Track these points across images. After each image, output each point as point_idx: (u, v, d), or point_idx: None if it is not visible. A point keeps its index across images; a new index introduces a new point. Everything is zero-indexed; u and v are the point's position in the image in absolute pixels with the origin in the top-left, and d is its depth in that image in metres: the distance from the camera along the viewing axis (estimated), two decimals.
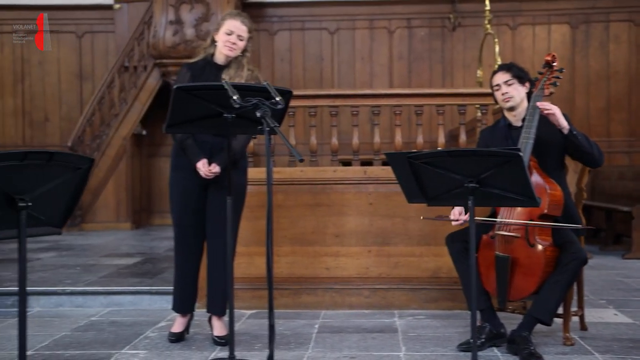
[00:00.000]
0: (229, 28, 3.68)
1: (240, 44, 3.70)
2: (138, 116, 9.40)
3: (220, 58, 3.76)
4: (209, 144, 3.71)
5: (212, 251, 3.83)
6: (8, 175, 2.21)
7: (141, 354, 3.60)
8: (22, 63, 10.13)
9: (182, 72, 3.79)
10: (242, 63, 3.75)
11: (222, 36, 3.69)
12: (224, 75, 3.71)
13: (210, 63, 3.76)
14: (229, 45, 3.67)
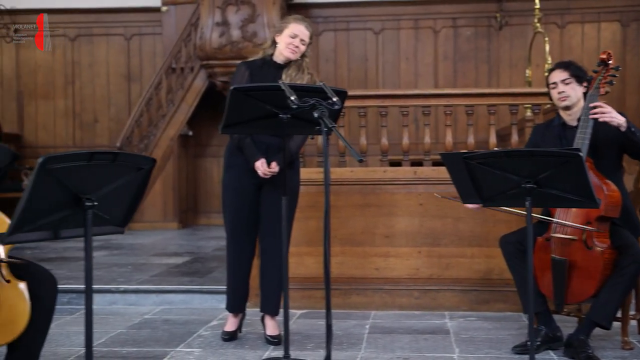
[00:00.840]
0: (293, 31, 3.70)
1: (302, 47, 3.72)
2: (185, 117, 9.51)
3: (280, 59, 3.78)
4: (264, 144, 3.73)
5: (266, 251, 3.85)
6: (76, 176, 2.25)
7: (196, 352, 3.65)
8: (72, 65, 10.33)
9: (239, 69, 3.80)
10: (303, 66, 3.77)
11: (285, 38, 3.71)
12: (284, 75, 3.73)
13: (268, 63, 3.78)
14: (291, 48, 3.69)
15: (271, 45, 3.80)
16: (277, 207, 3.76)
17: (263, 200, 3.80)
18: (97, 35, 10.34)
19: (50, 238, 2.35)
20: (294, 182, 3.84)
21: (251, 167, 3.71)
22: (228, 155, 3.86)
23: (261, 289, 3.92)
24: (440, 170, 4.68)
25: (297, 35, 3.70)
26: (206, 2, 9.15)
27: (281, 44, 3.72)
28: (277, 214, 3.78)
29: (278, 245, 3.81)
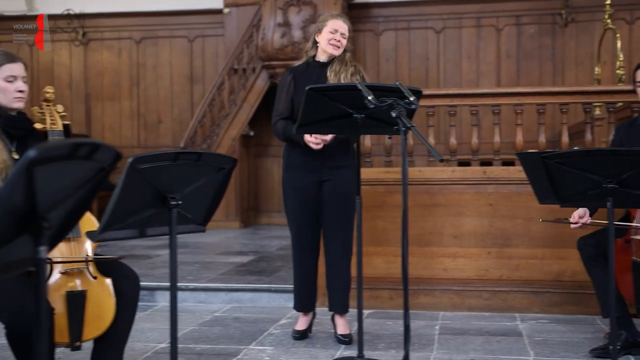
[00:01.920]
0: (333, 27, 3.74)
1: (343, 41, 3.76)
2: (247, 117, 9.61)
3: (323, 57, 3.82)
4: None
5: (331, 249, 3.86)
6: (162, 175, 2.30)
7: (268, 350, 3.68)
8: (137, 67, 10.56)
9: (283, 76, 3.90)
10: (346, 59, 3.81)
11: (325, 35, 3.75)
12: (328, 72, 3.77)
13: (312, 64, 3.83)
14: (333, 43, 3.73)
15: (312, 47, 3.85)
16: (339, 206, 3.79)
17: (324, 199, 3.82)
18: (161, 38, 10.54)
19: (137, 236, 2.40)
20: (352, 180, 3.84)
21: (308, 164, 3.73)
22: (286, 157, 3.88)
23: (328, 288, 3.93)
24: (511, 170, 4.62)
25: (337, 30, 3.74)
26: (268, 3, 9.23)
27: (322, 42, 3.77)
28: (338, 213, 3.80)
29: (342, 243, 3.83)
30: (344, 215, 3.81)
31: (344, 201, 3.78)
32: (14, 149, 2.68)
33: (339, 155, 3.78)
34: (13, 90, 2.65)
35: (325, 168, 3.77)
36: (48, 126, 2.75)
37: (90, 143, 1.39)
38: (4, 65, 2.65)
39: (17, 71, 2.66)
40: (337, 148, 3.78)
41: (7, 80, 2.64)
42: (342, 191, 3.78)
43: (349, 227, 3.84)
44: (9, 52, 2.73)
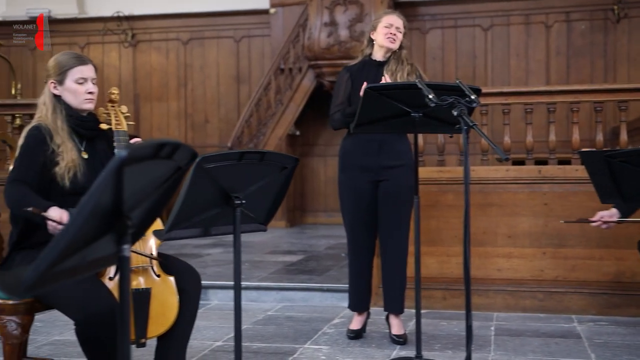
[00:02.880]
0: (387, 22, 3.76)
1: (399, 35, 3.76)
2: (293, 117, 9.64)
3: (379, 55, 3.81)
4: (377, 141, 3.74)
5: (387, 249, 3.85)
6: (227, 175, 2.32)
7: (324, 349, 3.68)
8: (185, 68, 10.68)
9: (340, 74, 3.89)
10: (402, 57, 3.80)
11: (381, 30, 3.75)
12: (385, 71, 3.75)
13: (368, 63, 3.82)
14: (390, 37, 3.73)
15: (368, 45, 3.85)
16: (395, 205, 3.78)
17: (380, 198, 3.80)
18: (208, 38, 10.64)
19: (201, 235, 2.43)
20: (410, 180, 3.82)
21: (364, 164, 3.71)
22: (342, 156, 3.88)
23: (383, 288, 3.92)
24: (567, 168, 4.54)
25: (392, 24, 3.75)
26: (314, 2, 9.24)
27: (378, 37, 3.77)
28: (395, 212, 3.78)
29: (398, 243, 3.82)
30: (400, 215, 3.80)
31: (401, 201, 3.77)
32: (83, 148, 2.73)
33: (395, 155, 3.77)
34: (83, 92, 2.70)
35: (382, 168, 3.76)
36: (113, 127, 2.80)
37: (173, 143, 1.41)
38: (75, 67, 2.70)
39: (87, 73, 2.71)
40: (394, 147, 3.76)
41: (77, 82, 2.69)
42: (398, 191, 3.76)
43: (405, 227, 3.83)
44: (79, 54, 2.78)
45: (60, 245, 1.19)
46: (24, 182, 2.55)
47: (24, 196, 2.53)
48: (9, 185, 2.56)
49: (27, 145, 2.62)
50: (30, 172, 2.57)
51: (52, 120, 2.68)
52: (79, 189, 2.65)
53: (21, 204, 2.49)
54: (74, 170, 2.62)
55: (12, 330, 2.47)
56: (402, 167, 3.76)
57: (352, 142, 3.80)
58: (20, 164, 2.59)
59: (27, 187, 2.55)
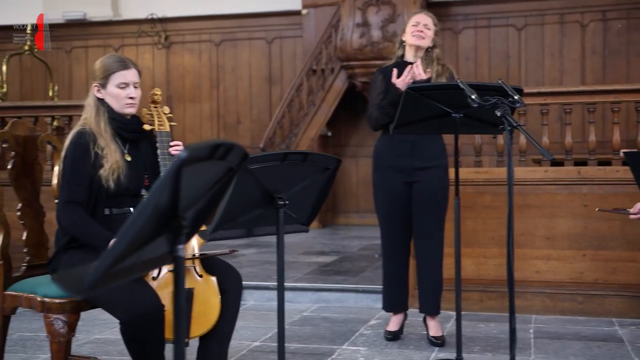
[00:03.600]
0: (414, 21, 3.77)
1: (427, 32, 3.73)
2: (325, 118, 9.63)
3: (410, 56, 3.80)
4: (409, 142, 3.73)
5: (422, 250, 3.84)
6: (270, 175, 2.33)
7: (362, 350, 3.68)
8: (217, 69, 10.74)
9: (374, 76, 3.90)
10: (433, 57, 3.79)
11: (409, 29, 3.76)
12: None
13: (401, 64, 3.80)
14: (417, 34, 3.71)
15: (400, 47, 3.86)
16: (430, 206, 3.76)
17: (415, 199, 3.79)
18: (240, 40, 10.68)
19: (245, 235, 2.44)
20: (444, 181, 3.80)
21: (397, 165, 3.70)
22: (376, 157, 3.87)
23: (419, 290, 3.90)
24: (607, 169, 4.48)
25: (419, 22, 3.75)
26: (347, 3, 9.23)
27: (407, 38, 3.76)
28: (430, 214, 3.77)
29: (433, 245, 3.80)
30: (435, 216, 3.78)
31: (436, 202, 3.75)
32: (126, 151, 2.76)
33: (429, 156, 3.75)
34: (124, 97, 2.72)
35: (415, 169, 3.75)
36: (156, 127, 2.82)
37: (228, 144, 1.41)
38: (117, 72, 2.72)
39: (129, 78, 2.74)
40: (428, 148, 3.75)
41: (119, 86, 2.72)
42: (432, 192, 3.75)
43: (440, 228, 3.81)
44: (122, 58, 2.80)
45: (121, 246, 1.20)
46: (77, 203, 2.60)
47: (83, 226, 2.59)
48: (64, 208, 2.61)
49: (73, 156, 2.65)
50: (80, 190, 2.61)
51: (95, 123, 2.71)
52: (123, 191, 2.69)
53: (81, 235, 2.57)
54: (118, 172, 2.65)
55: (59, 329, 2.51)
56: (435, 168, 3.75)
57: (386, 142, 3.80)
58: (69, 180, 2.63)
59: (82, 210, 2.60)
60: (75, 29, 10.91)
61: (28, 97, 10.68)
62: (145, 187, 2.78)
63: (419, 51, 3.76)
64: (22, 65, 10.69)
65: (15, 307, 2.71)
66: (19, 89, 10.76)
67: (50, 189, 2.95)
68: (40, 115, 5.26)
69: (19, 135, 2.84)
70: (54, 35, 10.74)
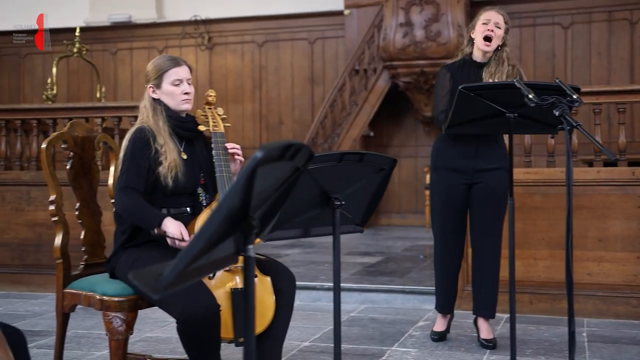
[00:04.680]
0: (485, 18, 3.68)
1: (498, 32, 3.66)
2: (367, 118, 9.60)
3: (479, 55, 3.73)
4: (474, 143, 3.70)
5: (479, 252, 3.79)
6: (327, 176, 2.32)
7: (412, 352, 3.65)
8: (259, 70, 10.79)
9: (440, 73, 3.80)
10: (502, 57, 3.71)
11: (479, 28, 3.67)
12: (484, 73, 3.68)
13: (468, 62, 3.74)
14: (487, 33, 3.63)
15: (468, 44, 3.77)
16: (490, 208, 3.71)
17: (474, 201, 3.74)
18: (282, 41, 10.72)
19: (301, 236, 2.44)
20: (505, 183, 3.75)
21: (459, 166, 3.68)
22: (435, 156, 3.83)
23: (476, 292, 3.85)
24: None
25: (490, 19, 3.66)
26: (390, 3, 9.19)
27: (477, 37, 3.68)
28: (489, 215, 3.72)
29: (492, 246, 3.76)
30: (494, 217, 3.74)
31: (496, 203, 3.72)
32: (182, 149, 2.79)
33: (490, 157, 3.71)
34: (180, 93, 2.75)
35: (476, 171, 3.71)
36: (211, 128, 2.84)
37: (298, 144, 1.41)
38: (170, 69, 2.76)
39: (182, 74, 2.77)
40: (491, 151, 3.70)
41: (173, 84, 2.75)
42: (494, 193, 3.71)
43: (499, 230, 3.77)
44: (173, 56, 2.84)
45: (197, 246, 1.21)
46: (134, 189, 2.62)
47: (137, 207, 2.61)
48: (121, 193, 2.63)
49: (132, 149, 2.68)
50: (138, 178, 2.64)
51: (153, 122, 2.75)
52: (180, 189, 2.72)
53: (135, 215, 2.60)
54: (175, 170, 2.67)
55: (117, 327, 2.54)
56: (497, 170, 3.70)
57: (448, 143, 3.73)
58: (128, 169, 2.66)
59: (138, 195, 2.62)
60: (120, 31, 11.07)
61: (75, 98, 10.88)
62: (201, 185, 2.81)
63: (488, 52, 3.70)
64: (69, 67, 10.89)
65: (74, 304, 2.75)
66: (66, 90, 10.96)
67: (106, 189, 2.99)
68: (90, 116, 5.34)
69: (77, 136, 2.89)
70: (100, 38, 10.96)
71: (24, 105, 7.35)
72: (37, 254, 5.32)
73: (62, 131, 2.85)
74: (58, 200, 2.80)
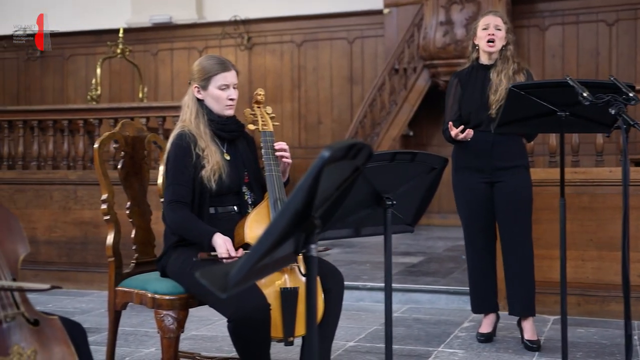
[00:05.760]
0: (484, 24, 3.73)
1: (499, 34, 3.70)
2: (407, 117, 9.56)
3: (485, 58, 3.78)
4: (489, 142, 3.67)
5: (510, 252, 3.77)
6: (379, 175, 2.31)
7: (459, 353, 3.62)
8: (298, 70, 10.81)
9: (450, 81, 3.90)
10: (507, 56, 3.75)
11: (480, 34, 3.74)
12: (491, 73, 3.73)
13: (476, 67, 3.80)
14: (489, 38, 3.68)
15: (473, 51, 3.84)
16: (514, 207, 3.69)
17: (497, 201, 3.73)
18: (321, 40, 10.72)
19: (352, 235, 2.43)
20: (527, 181, 3.77)
21: (477, 165, 3.66)
22: (455, 157, 3.82)
23: (508, 292, 3.82)
24: None
25: (489, 24, 3.71)
26: (430, 2, 9.13)
27: (480, 42, 3.75)
28: (514, 214, 3.70)
29: (521, 245, 3.73)
30: (519, 216, 3.73)
31: (520, 202, 3.72)
32: (225, 150, 2.81)
33: (511, 156, 3.71)
34: (225, 99, 2.77)
35: (497, 169, 3.70)
36: (260, 127, 2.85)
37: (360, 143, 1.40)
38: (219, 74, 2.76)
39: (229, 79, 2.78)
40: (508, 148, 3.68)
41: (220, 88, 2.76)
42: (517, 192, 3.71)
43: (527, 229, 3.76)
44: (222, 59, 2.84)
45: (265, 245, 1.21)
46: (181, 202, 2.66)
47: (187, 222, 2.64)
48: (169, 208, 2.67)
49: (175, 158, 2.71)
50: (184, 190, 2.67)
51: (195, 125, 2.76)
52: (225, 190, 2.73)
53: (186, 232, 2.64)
54: (219, 172, 2.69)
55: (169, 325, 2.56)
56: (517, 168, 3.72)
57: (464, 143, 3.71)
58: (172, 182, 2.69)
59: (186, 208, 2.65)
60: (161, 32, 11.19)
61: (117, 99, 11.03)
62: (245, 184, 2.82)
63: (494, 53, 3.73)
64: (111, 68, 11.04)
65: (126, 302, 2.78)
66: (109, 91, 11.11)
67: (156, 188, 3.02)
68: (135, 116, 5.41)
69: (128, 136, 2.92)
70: (141, 39, 11.08)
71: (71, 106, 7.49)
72: (84, 252, 5.41)
73: (114, 131, 2.89)
74: (110, 199, 2.83)
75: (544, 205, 4.38)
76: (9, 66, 11.93)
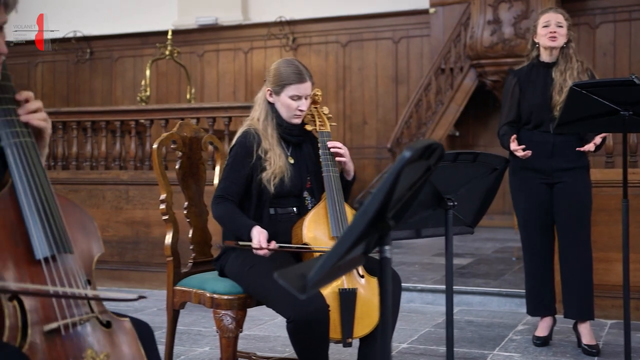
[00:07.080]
0: (544, 21, 3.66)
1: (560, 30, 3.63)
2: (453, 117, 9.47)
3: (546, 56, 3.70)
4: (550, 143, 3.62)
5: (569, 255, 3.70)
6: (441, 176, 2.28)
7: (515, 356, 3.56)
8: (343, 70, 10.80)
9: (507, 79, 3.83)
10: (570, 54, 3.67)
11: (541, 31, 3.66)
12: (554, 71, 3.64)
13: (536, 65, 3.72)
14: (550, 35, 3.61)
15: (532, 48, 3.76)
16: (573, 209, 3.62)
17: (557, 202, 3.67)
18: (366, 40, 10.69)
19: (413, 237, 2.41)
20: (587, 182, 3.70)
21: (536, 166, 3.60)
22: (513, 158, 3.74)
23: (564, 294, 3.75)
24: None
25: (550, 21, 3.64)
26: (477, 0, 9.03)
27: (541, 40, 3.67)
28: (573, 216, 3.62)
29: (580, 248, 3.65)
30: (579, 219, 3.67)
31: (579, 205, 3.67)
32: (290, 153, 2.80)
33: (570, 157, 3.63)
34: (295, 109, 2.76)
35: (557, 170, 3.64)
36: (317, 128, 2.85)
37: (436, 143, 1.38)
38: (293, 84, 2.76)
39: (303, 91, 2.77)
40: (568, 149, 3.61)
41: (292, 98, 2.76)
42: (577, 193, 3.65)
43: (586, 231, 3.69)
44: (300, 69, 2.82)
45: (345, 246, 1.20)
46: (228, 198, 2.68)
47: (228, 216, 2.66)
48: (214, 202, 2.71)
49: (235, 155, 2.72)
50: (234, 187, 2.69)
51: (262, 126, 2.77)
52: (285, 193, 2.73)
53: (227, 224, 2.67)
54: (281, 176, 2.69)
55: (227, 324, 2.57)
56: (578, 169, 3.66)
57: (524, 142, 3.63)
58: (226, 177, 2.72)
59: (231, 204, 2.67)
60: (207, 34, 11.29)
61: (163, 100, 11.17)
62: (307, 189, 2.81)
63: (555, 50, 3.67)
64: (158, 69, 11.18)
65: (184, 302, 2.80)
66: (156, 92, 11.25)
67: (212, 188, 3.03)
68: (185, 117, 5.45)
69: (185, 136, 2.94)
70: (188, 40, 11.20)
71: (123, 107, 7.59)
72: (135, 251, 5.48)
73: (172, 132, 2.91)
74: (168, 199, 2.85)
75: (601, 206, 4.29)
76: (60, 69, 12.18)
